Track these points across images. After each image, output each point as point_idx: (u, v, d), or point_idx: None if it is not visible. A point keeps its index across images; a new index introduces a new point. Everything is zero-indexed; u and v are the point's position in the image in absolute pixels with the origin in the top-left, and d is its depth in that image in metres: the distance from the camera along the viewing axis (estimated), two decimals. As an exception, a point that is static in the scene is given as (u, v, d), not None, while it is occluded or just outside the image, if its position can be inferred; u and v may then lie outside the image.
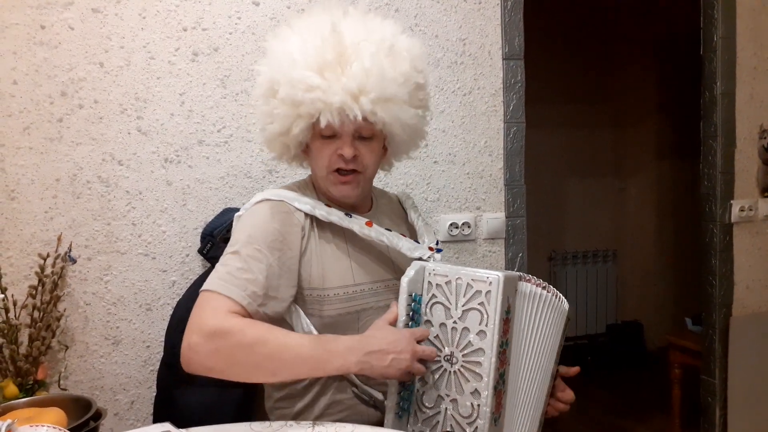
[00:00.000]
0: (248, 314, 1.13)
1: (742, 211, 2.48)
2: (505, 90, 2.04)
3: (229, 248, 1.20)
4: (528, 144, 2.08)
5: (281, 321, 1.22)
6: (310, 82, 1.14)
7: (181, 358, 1.10)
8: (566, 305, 1.22)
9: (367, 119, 1.17)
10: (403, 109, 1.20)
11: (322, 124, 1.16)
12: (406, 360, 1.11)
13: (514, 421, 1.18)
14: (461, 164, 2.01)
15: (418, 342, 1.15)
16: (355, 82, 1.14)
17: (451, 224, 1.99)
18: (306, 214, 1.25)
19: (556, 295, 1.21)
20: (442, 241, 1.97)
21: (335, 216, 1.25)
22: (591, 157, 4.31)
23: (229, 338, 1.07)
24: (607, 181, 4.37)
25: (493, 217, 2.05)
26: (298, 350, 1.10)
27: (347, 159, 1.20)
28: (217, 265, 1.18)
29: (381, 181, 1.89)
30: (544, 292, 1.19)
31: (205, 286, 1.15)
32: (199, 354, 1.08)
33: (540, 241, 4.00)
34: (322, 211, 1.25)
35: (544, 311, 1.20)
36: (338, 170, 1.24)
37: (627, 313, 4.35)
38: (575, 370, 1.33)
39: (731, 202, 2.47)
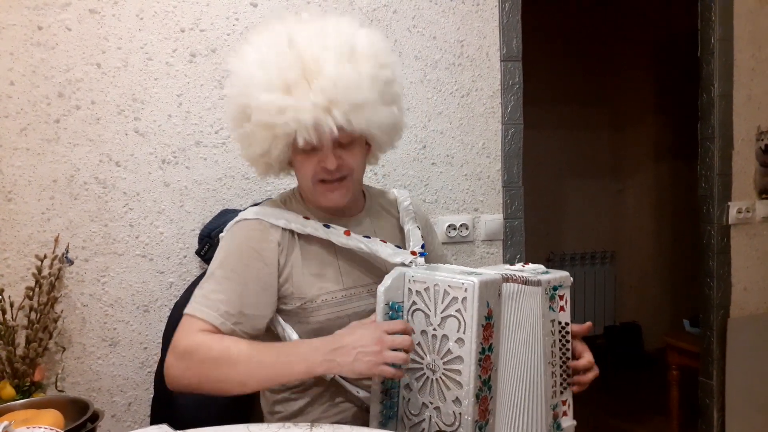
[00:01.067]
0: (223, 334, 1.16)
1: (739, 212, 2.48)
2: (503, 91, 2.04)
3: (208, 269, 1.24)
4: (526, 145, 2.08)
5: (268, 336, 1.25)
6: (279, 103, 1.12)
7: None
8: (537, 287, 1.18)
9: (343, 129, 1.15)
10: (377, 111, 1.19)
11: (300, 143, 1.15)
12: (373, 352, 1.06)
13: (516, 422, 1.17)
14: (459, 166, 2.01)
15: (392, 334, 1.11)
16: (324, 96, 1.11)
17: (449, 226, 1.99)
18: (284, 228, 1.25)
19: (526, 282, 1.18)
20: (441, 243, 1.97)
21: (310, 228, 1.25)
22: (589, 158, 4.31)
23: (196, 355, 1.12)
24: (605, 183, 4.38)
25: (491, 219, 2.05)
26: (261, 359, 1.12)
27: (331, 170, 1.20)
28: (196, 288, 1.22)
29: (379, 182, 1.89)
30: (521, 286, 1.17)
31: (185, 309, 1.19)
32: (174, 373, 1.15)
33: (538, 242, 4.01)
34: (298, 224, 1.25)
35: (522, 304, 1.17)
36: (323, 180, 1.23)
37: (625, 314, 4.36)
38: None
39: (728, 203, 2.47)
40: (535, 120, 2.59)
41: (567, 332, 1.26)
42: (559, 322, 1.25)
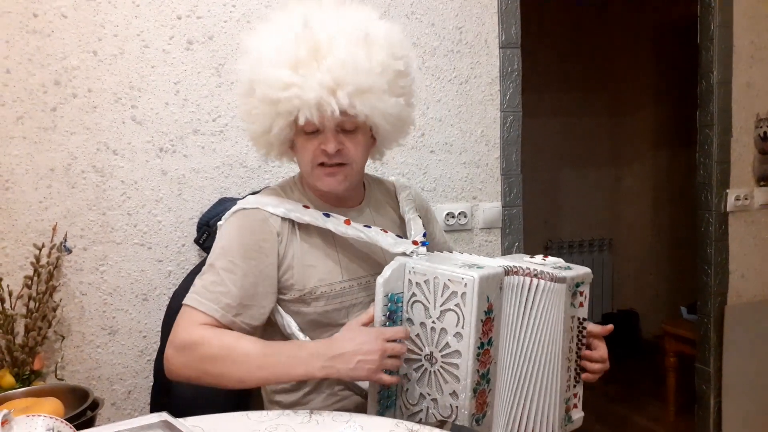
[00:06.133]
0: (223, 326, 1.17)
1: (737, 200, 2.48)
2: (502, 79, 2.03)
3: (207, 260, 1.23)
4: (524, 133, 2.08)
5: (266, 324, 1.25)
6: (285, 80, 1.12)
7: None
8: (562, 284, 1.19)
9: (347, 113, 1.14)
10: (383, 99, 1.17)
11: (301, 121, 1.14)
12: (373, 361, 1.08)
13: (518, 413, 1.18)
14: (458, 153, 2.01)
15: (392, 341, 1.12)
16: (331, 76, 1.11)
17: (447, 214, 1.99)
18: (283, 218, 1.24)
19: (554, 278, 1.18)
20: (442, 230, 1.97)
21: (309, 216, 1.24)
22: (587, 146, 4.30)
23: (196, 350, 1.13)
24: (604, 170, 4.37)
25: (490, 207, 2.05)
26: (261, 359, 1.12)
27: (330, 154, 1.19)
28: (196, 278, 1.22)
29: (377, 170, 1.88)
30: (534, 279, 1.17)
31: (184, 299, 1.19)
32: (173, 365, 1.15)
33: (536, 230, 4.01)
34: (297, 213, 1.24)
35: (536, 299, 1.18)
36: (322, 163, 1.22)
37: (622, 301, 4.37)
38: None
39: (727, 191, 2.47)
40: (533, 107, 2.59)
41: (584, 327, 1.28)
42: (578, 318, 1.26)
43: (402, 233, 1.36)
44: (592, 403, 1.33)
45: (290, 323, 1.24)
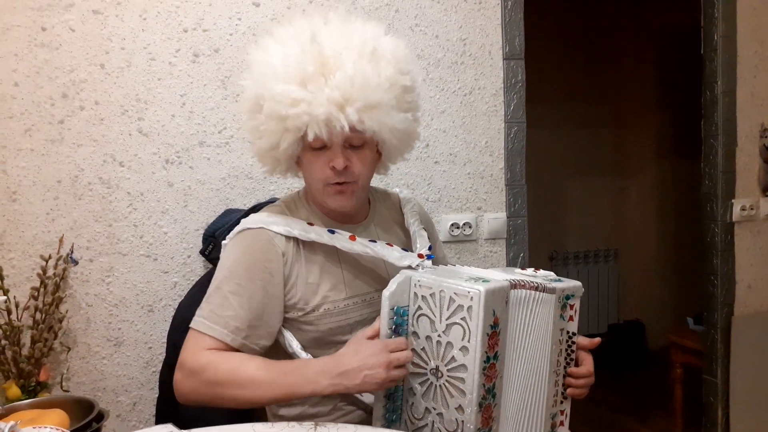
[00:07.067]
0: (233, 349, 1.17)
1: (743, 210, 2.47)
2: (506, 90, 2.04)
3: (213, 282, 1.22)
4: (529, 144, 2.08)
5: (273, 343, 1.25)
6: (293, 95, 1.11)
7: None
8: (552, 295, 1.18)
9: (355, 129, 1.15)
10: (391, 114, 1.17)
11: (310, 137, 1.14)
12: (379, 373, 1.08)
13: (519, 428, 1.18)
14: (462, 164, 2.01)
15: (396, 351, 1.12)
16: (339, 92, 1.11)
17: (452, 224, 1.99)
18: (287, 237, 1.23)
19: (543, 289, 1.18)
20: (444, 242, 1.97)
21: (314, 234, 1.23)
22: (592, 156, 4.30)
23: (203, 375, 1.13)
24: (608, 181, 4.37)
25: (495, 217, 2.05)
26: (269, 382, 1.12)
27: (339, 170, 1.18)
28: (203, 301, 1.21)
29: (382, 181, 1.89)
30: (534, 292, 1.17)
31: (191, 323, 1.19)
32: (183, 390, 1.17)
33: (541, 240, 4.00)
34: (302, 231, 1.23)
35: (534, 311, 1.17)
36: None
37: (628, 312, 4.35)
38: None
39: (732, 201, 2.47)
40: (537, 118, 2.59)
41: (573, 342, 1.26)
42: (568, 332, 1.25)
43: (407, 247, 1.36)
44: (598, 414, 1.32)
45: (291, 342, 1.24)
